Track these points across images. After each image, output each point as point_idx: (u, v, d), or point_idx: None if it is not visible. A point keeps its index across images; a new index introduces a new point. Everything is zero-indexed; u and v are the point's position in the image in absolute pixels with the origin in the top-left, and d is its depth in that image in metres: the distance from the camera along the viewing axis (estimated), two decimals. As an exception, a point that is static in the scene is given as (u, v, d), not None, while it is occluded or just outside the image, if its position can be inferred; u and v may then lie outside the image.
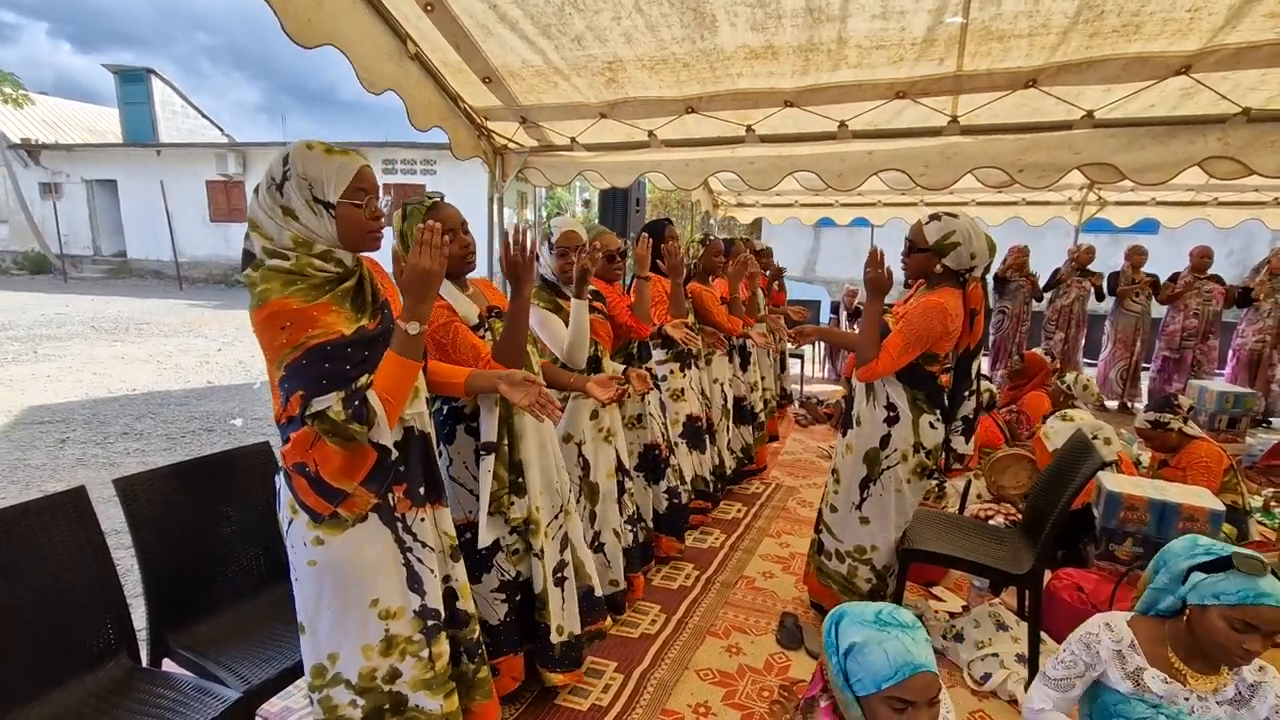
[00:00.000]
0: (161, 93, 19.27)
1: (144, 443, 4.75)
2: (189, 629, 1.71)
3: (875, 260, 2.19)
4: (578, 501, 2.32)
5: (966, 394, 2.27)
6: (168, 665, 1.66)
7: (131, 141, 17.88)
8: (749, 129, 3.30)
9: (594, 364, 2.30)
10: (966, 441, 2.30)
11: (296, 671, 1.59)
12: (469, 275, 1.89)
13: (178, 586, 1.72)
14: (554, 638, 1.98)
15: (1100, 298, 6.21)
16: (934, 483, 3.54)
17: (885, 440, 2.26)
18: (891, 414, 2.24)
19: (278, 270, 1.28)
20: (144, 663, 1.64)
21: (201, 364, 7.53)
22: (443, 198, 1.76)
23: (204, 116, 21.15)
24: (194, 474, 1.81)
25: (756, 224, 8.96)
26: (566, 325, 2.15)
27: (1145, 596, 1.42)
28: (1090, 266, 6.26)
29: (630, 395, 2.49)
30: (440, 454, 1.84)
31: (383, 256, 1.53)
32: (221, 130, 21.72)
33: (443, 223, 1.67)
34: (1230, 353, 5.92)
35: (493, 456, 1.79)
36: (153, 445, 4.70)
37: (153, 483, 1.72)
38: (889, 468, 2.26)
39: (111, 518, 1.77)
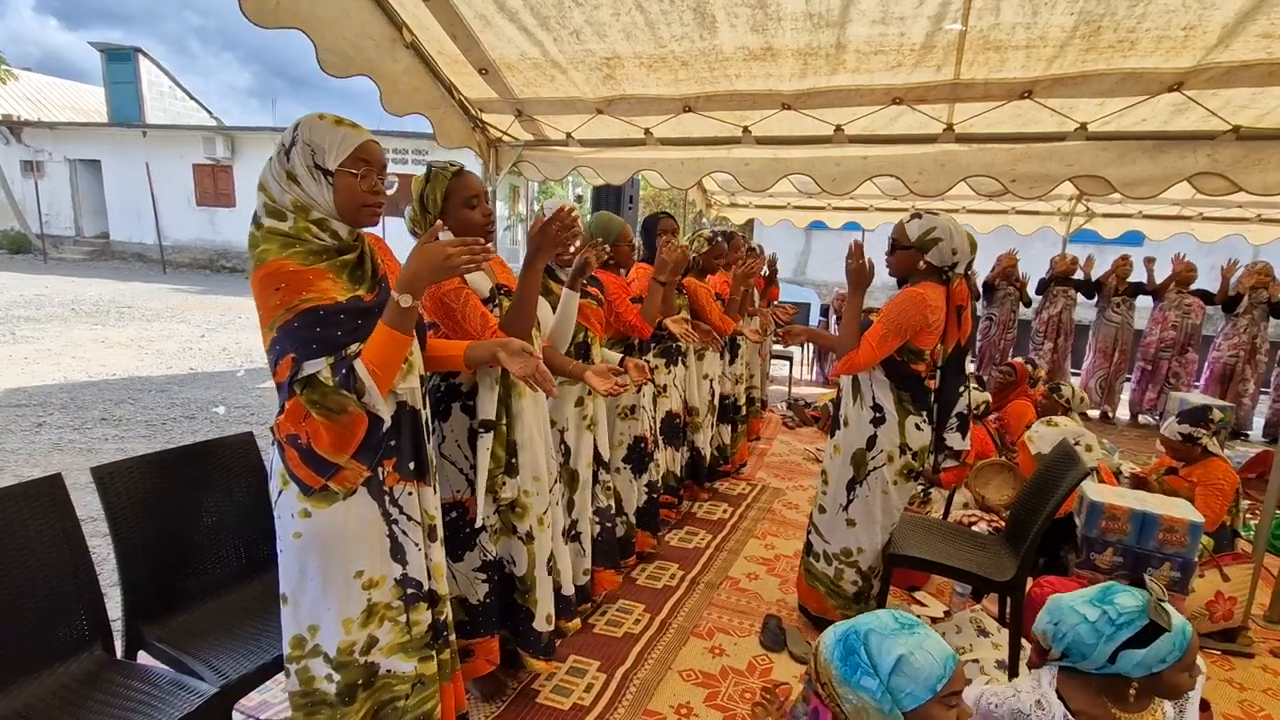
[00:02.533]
0: (149, 73, 18.95)
1: (123, 429, 4.67)
2: (165, 621, 1.67)
3: (856, 252, 2.24)
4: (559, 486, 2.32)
5: (961, 390, 2.30)
6: (143, 658, 1.63)
7: (117, 121, 17.55)
8: (745, 130, 3.29)
9: (584, 351, 2.30)
10: (963, 438, 2.32)
11: (276, 666, 1.57)
12: None
13: (155, 578, 1.69)
14: (540, 625, 1.99)
15: (1089, 295, 6.30)
16: (919, 488, 3.57)
17: (871, 441, 2.28)
18: (878, 415, 2.26)
19: (276, 232, 1.30)
20: (118, 655, 1.61)
21: (184, 350, 7.42)
22: (463, 168, 1.78)
23: (192, 98, 20.82)
24: (174, 463, 1.78)
25: (749, 225, 8.98)
26: (554, 310, 2.13)
27: (1070, 666, 1.29)
28: (1076, 277, 6.36)
29: (628, 387, 2.49)
30: (433, 430, 1.84)
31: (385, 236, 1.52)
32: (210, 113, 21.40)
33: (467, 189, 1.75)
34: (1205, 365, 6.02)
35: (490, 434, 1.78)
36: (132, 432, 4.63)
37: (131, 472, 1.68)
38: (875, 469, 2.28)
39: (88, 504, 1.74)
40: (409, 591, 1.51)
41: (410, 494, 1.49)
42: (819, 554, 2.45)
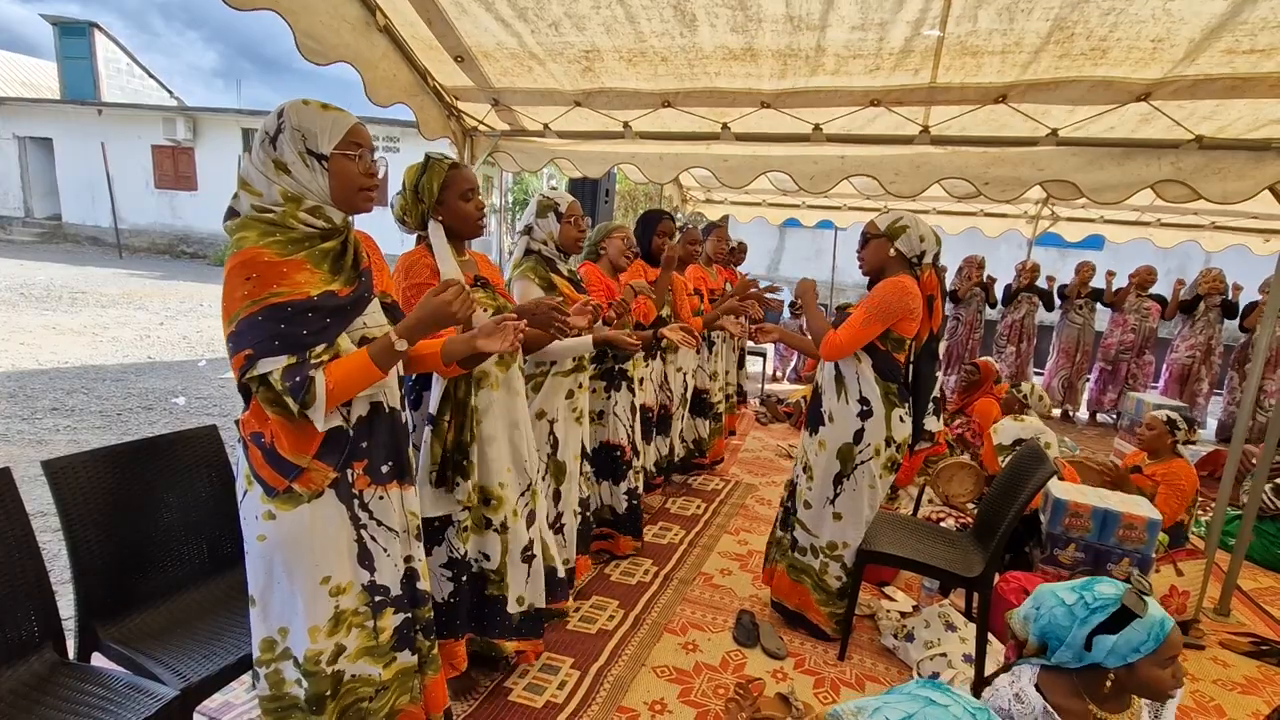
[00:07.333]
0: (105, 49, 18.15)
1: (75, 419, 4.49)
2: (122, 622, 1.61)
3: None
4: (543, 479, 2.32)
5: (935, 375, 2.36)
6: (97, 660, 1.57)
7: (70, 98, 16.82)
8: (725, 126, 3.28)
9: None
10: (938, 419, 2.38)
11: (239, 667, 1.52)
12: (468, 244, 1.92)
13: (110, 576, 1.62)
14: (512, 607, 1.99)
15: (1049, 307, 6.48)
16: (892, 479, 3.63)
17: (859, 435, 2.31)
18: (865, 409, 2.29)
19: (258, 220, 1.26)
20: (71, 657, 1.54)
21: (141, 338, 7.16)
22: (458, 161, 1.80)
23: (152, 77, 20.03)
24: (132, 457, 1.71)
25: (724, 221, 8.97)
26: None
27: (1050, 658, 1.31)
28: (1039, 279, 6.54)
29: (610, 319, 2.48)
30: (405, 420, 1.81)
31: (374, 225, 1.47)
32: (171, 93, 20.61)
33: (464, 181, 1.77)
34: (1164, 367, 6.25)
35: (430, 429, 1.78)
36: (85, 423, 4.45)
37: (87, 466, 1.61)
38: (863, 462, 2.31)
39: (38, 498, 1.67)
40: (376, 599, 1.47)
41: (383, 498, 1.45)
42: (805, 548, 2.47)
